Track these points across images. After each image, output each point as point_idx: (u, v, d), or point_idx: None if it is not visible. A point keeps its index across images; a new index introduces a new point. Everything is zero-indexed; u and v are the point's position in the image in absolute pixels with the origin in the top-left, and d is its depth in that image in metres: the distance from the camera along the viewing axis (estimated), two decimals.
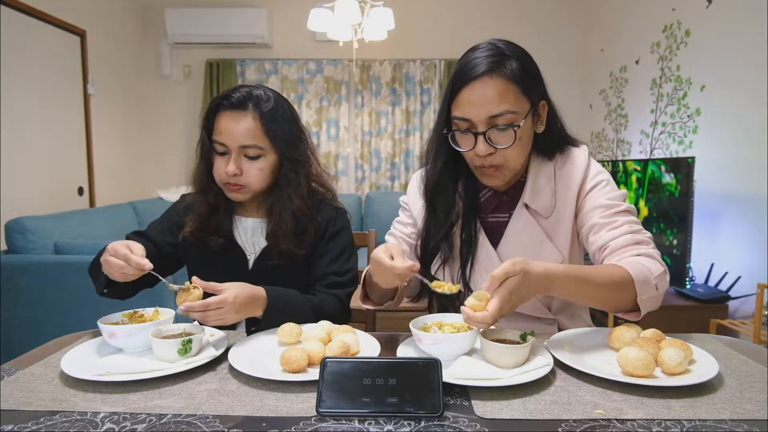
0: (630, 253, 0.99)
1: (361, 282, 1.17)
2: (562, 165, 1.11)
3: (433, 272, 1.18)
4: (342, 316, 1.23)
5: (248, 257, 1.25)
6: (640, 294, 0.92)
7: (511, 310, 0.84)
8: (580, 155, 1.11)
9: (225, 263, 1.23)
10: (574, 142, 1.14)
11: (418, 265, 0.93)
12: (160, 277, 1.06)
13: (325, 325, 0.99)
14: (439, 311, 1.24)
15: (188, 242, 1.23)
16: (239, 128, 1.14)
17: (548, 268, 0.87)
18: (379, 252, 0.94)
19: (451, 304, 1.19)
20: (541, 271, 0.86)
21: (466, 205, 1.13)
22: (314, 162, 1.27)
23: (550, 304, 1.16)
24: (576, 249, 1.15)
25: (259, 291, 1.07)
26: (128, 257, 0.98)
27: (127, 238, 1.23)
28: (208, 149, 1.20)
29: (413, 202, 1.21)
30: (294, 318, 1.07)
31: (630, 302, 0.95)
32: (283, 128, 1.18)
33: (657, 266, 0.96)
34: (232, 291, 0.99)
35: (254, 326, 1.12)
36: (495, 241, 1.13)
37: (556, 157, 1.12)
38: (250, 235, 1.26)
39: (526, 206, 1.10)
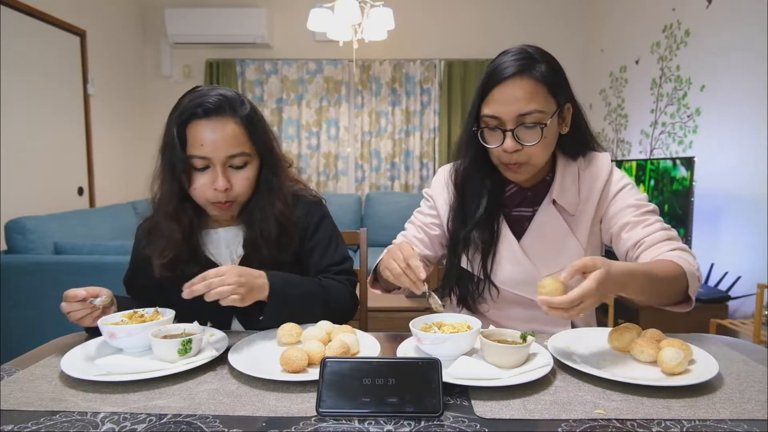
0: (666, 248, 1.03)
1: (374, 266, 1.20)
2: (585, 167, 1.17)
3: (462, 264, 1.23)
4: (352, 301, 1.20)
5: None
6: (692, 285, 0.98)
7: (592, 306, 0.82)
8: (604, 160, 1.17)
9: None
10: (597, 147, 1.20)
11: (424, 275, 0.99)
12: (96, 300, 0.99)
13: (325, 325, 0.99)
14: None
15: (163, 277, 1.08)
16: (223, 136, 1.03)
17: (626, 266, 0.87)
18: (405, 246, 1.03)
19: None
20: (622, 269, 0.85)
21: (491, 199, 1.18)
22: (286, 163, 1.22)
23: None
24: (592, 247, 1.19)
25: (260, 277, 1.02)
26: (65, 296, 0.95)
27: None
28: (181, 167, 1.04)
29: (437, 195, 1.26)
30: (303, 297, 1.05)
31: (678, 295, 0.99)
32: (261, 131, 1.11)
33: (693, 260, 1.02)
34: (235, 269, 0.96)
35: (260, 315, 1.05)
36: (517, 234, 1.18)
37: (579, 160, 1.18)
38: (224, 246, 1.16)
39: (554, 202, 1.15)
